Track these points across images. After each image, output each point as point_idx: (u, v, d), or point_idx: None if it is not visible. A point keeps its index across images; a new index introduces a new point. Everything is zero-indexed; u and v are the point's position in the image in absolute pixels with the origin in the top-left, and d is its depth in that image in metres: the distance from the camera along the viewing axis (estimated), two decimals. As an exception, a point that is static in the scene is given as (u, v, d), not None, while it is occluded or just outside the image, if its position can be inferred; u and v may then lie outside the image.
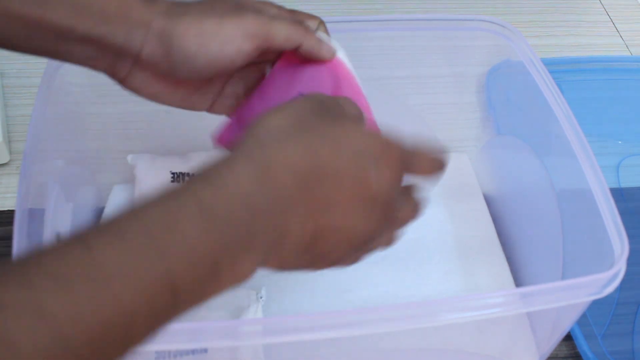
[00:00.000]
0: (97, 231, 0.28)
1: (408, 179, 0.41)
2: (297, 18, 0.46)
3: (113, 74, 0.44)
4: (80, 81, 0.61)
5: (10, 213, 0.69)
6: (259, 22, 0.42)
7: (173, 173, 0.67)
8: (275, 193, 0.32)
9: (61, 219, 0.58)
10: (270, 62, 0.49)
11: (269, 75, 0.49)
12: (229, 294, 0.60)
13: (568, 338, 0.64)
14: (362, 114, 0.42)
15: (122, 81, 0.44)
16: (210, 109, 0.48)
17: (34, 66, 0.85)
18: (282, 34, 0.43)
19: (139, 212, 0.29)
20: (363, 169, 0.35)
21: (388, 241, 0.42)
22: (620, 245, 0.47)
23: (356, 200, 0.36)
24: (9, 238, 0.45)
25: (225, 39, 0.41)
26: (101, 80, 0.47)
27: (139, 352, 0.29)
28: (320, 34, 0.48)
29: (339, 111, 0.39)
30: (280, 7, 0.46)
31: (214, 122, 0.51)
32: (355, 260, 0.40)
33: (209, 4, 0.43)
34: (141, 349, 0.28)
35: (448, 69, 0.72)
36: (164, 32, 0.41)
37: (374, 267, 0.66)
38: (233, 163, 0.32)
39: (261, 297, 0.61)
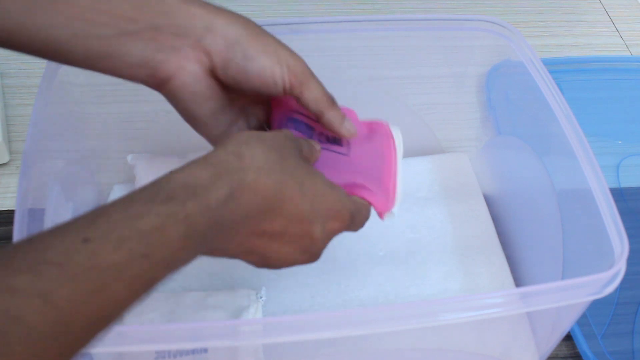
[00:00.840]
0: (94, 224, 0.33)
1: None
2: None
3: (162, 72, 0.45)
4: (80, 81, 0.61)
5: (10, 213, 0.69)
6: (305, 70, 0.46)
7: (173, 173, 0.67)
8: (235, 211, 0.37)
9: (61, 219, 0.58)
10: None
11: None
12: (229, 294, 0.60)
13: (568, 338, 0.64)
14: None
15: (169, 78, 0.45)
16: (218, 137, 0.50)
17: (34, 66, 0.85)
18: (315, 94, 0.47)
19: (130, 209, 0.34)
20: (310, 222, 0.41)
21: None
22: (620, 245, 0.47)
23: (292, 242, 0.42)
24: (9, 238, 0.46)
25: (275, 62, 0.45)
26: (101, 80, 0.47)
27: (139, 353, 0.30)
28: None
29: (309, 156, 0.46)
30: None
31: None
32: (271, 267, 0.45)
33: (259, 28, 0.46)
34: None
35: (448, 69, 0.72)
36: (229, 29, 0.44)
37: (374, 267, 0.66)
38: (218, 180, 0.37)
39: (261, 297, 0.61)
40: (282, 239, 0.41)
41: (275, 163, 0.40)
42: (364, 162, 0.53)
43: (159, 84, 0.45)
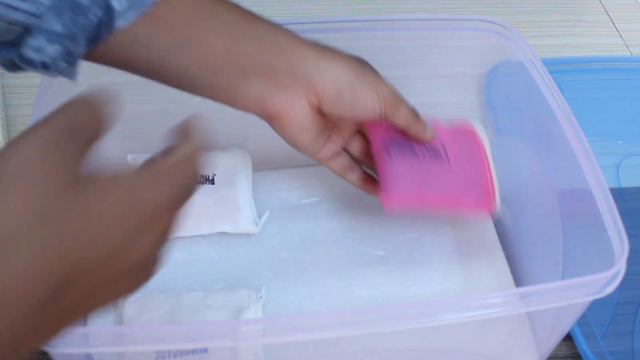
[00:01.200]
0: None
1: None
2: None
3: (274, 110, 0.50)
4: (80, 81, 0.61)
5: (10, 213, 0.69)
6: (396, 97, 0.54)
7: (173, 173, 0.67)
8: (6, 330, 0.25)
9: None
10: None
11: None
12: (229, 294, 0.60)
13: (568, 338, 0.64)
14: None
15: (278, 115, 0.51)
16: (317, 155, 0.57)
17: (34, 66, 0.85)
18: (404, 114, 0.55)
19: None
20: (120, 251, 0.29)
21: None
22: (620, 245, 0.47)
23: (107, 284, 0.30)
24: (9, 238, 0.45)
25: (375, 97, 0.52)
26: (101, 80, 0.47)
27: (139, 353, 0.29)
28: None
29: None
30: None
31: (213, 122, 0.51)
32: None
33: (354, 59, 0.53)
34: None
35: (448, 69, 0.72)
36: (337, 73, 0.50)
37: (374, 267, 0.66)
38: None
39: (261, 297, 0.61)
40: (100, 291, 0.30)
41: (41, 222, 0.26)
42: (463, 166, 0.62)
43: (270, 118, 0.51)
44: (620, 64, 0.92)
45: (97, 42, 0.44)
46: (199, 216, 0.65)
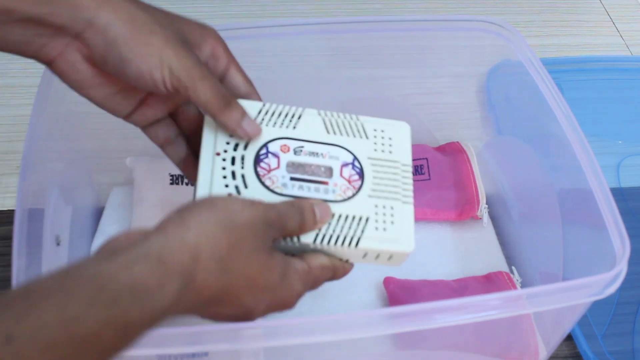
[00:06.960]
0: (22, 321, 0.30)
1: None
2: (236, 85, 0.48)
3: (43, 55, 0.44)
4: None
5: (10, 213, 0.69)
6: (191, 72, 0.43)
7: (172, 175, 0.67)
8: (177, 310, 0.37)
9: (61, 221, 0.58)
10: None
11: None
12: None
13: (568, 338, 0.64)
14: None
15: (51, 62, 0.44)
16: (128, 118, 0.49)
17: (33, 66, 0.85)
18: (203, 98, 0.43)
19: (67, 309, 0.31)
20: (251, 310, 0.41)
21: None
22: (621, 245, 0.47)
23: (231, 314, 0.41)
24: (9, 238, 0.45)
25: (155, 65, 0.42)
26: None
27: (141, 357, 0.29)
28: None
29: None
30: (231, 62, 0.47)
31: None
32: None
33: (160, 21, 0.44)
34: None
35: (448, 69, 0.72)
36: (110, 27, 0.42)
37: (374, 268, 0.66)
38: (166, 283, 0.35)
39: (261, 298, 0.60)
40: (222, 312, 0.41)
41: (231, 261, 0.38)
42: (443, 179, 0.70)
43: (46, 63, 0.45)
44: (620, 64, 0.92)
45: None
46: (199, 217, 0.65)
